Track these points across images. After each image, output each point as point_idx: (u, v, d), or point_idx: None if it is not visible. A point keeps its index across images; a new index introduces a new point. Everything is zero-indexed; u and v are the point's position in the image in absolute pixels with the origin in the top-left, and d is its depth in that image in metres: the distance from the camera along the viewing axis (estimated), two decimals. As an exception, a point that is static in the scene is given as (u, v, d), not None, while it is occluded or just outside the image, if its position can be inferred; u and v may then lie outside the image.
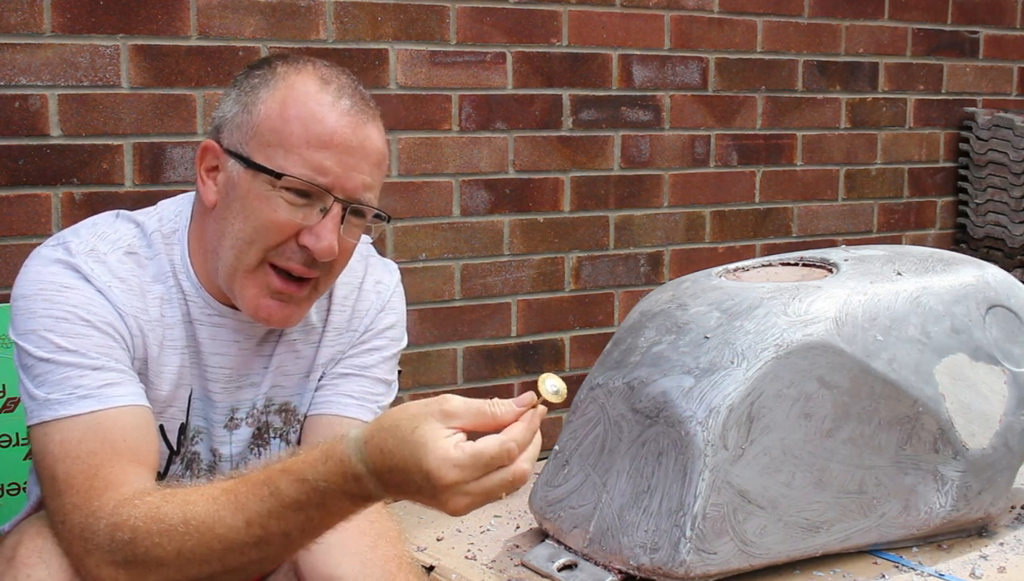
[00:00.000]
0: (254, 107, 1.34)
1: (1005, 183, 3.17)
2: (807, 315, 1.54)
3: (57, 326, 1.30)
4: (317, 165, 1.31)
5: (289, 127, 1.32)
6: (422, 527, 1.75)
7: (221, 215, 1.36)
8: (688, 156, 2.87)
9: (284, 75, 1.35)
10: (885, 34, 3.14)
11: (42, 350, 1.30)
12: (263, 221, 1.32)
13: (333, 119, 1.32)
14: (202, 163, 1.38)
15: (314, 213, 1.32)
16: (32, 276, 1.35)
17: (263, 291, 1.35)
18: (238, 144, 1.34)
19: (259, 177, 1.32)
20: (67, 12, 2.14)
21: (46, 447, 1.27)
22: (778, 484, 1.50)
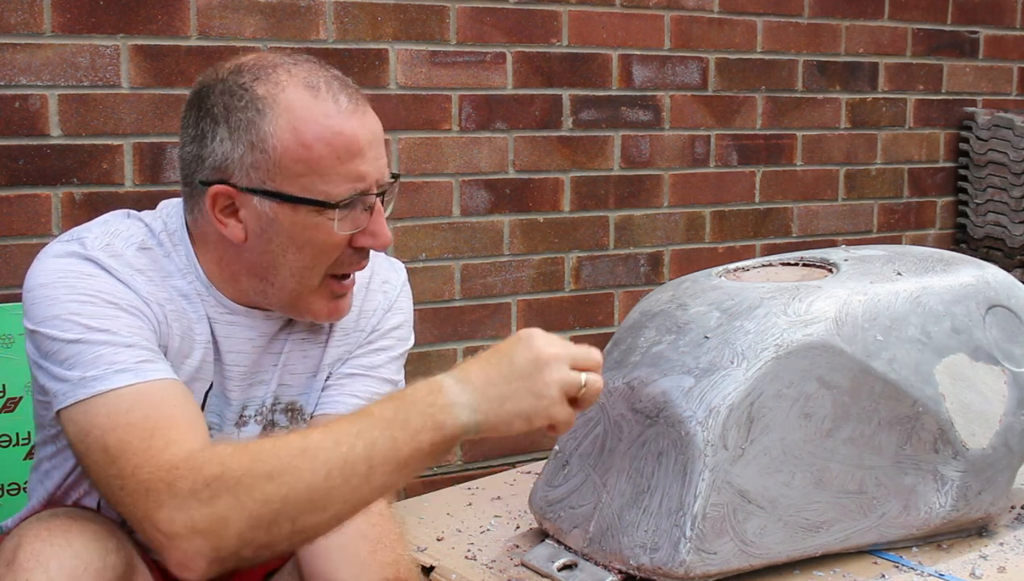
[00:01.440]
0: (265, 143, 1.31)
1: (1005, 183, 3.17)
2: (807, 315, 1.54)
3: (83, 309, 1.29)
4: (355, 175, 1.33)
5: (314, 152, 1.31)
6: (422, 527, 1.75)
7: (262, 249, 1.36)
8: (688, 156, 2.87)
9: (272, 98, 1.32)
10: (885, 34, 3.14)
11: (70, 333, 1.27)
12: (321, 246, 1.34)
13: (347, 125, 1.32)
14: (215, 207, 1.35)
15: (360, 215, 1.35)
16: (49, 266, 1.33)
17: (328, 299, 1.39)
18: (261, 182, 1.32)
19: (301, 208, 1.32)
20: (67, 12, 2.14)
21: (91, 423, 1.23)
22: (778, 484, 1.50)
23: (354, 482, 1.14)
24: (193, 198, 1.39)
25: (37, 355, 1.32)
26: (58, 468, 1.45)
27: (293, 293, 1.38)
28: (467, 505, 1.86)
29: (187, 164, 1.39)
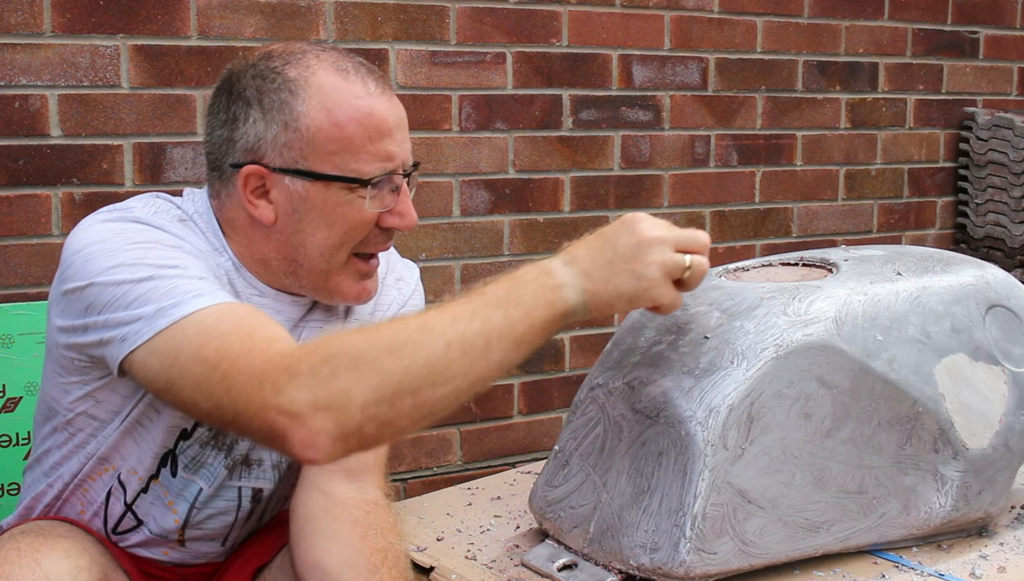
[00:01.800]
0: (298, 122, 1.35)
1: (1005, 183, 3.18)
2: (807, 315, 1.54)
3: (148, 253, 1.28)
4: (385, 154, 1.38)
5: (347, 131, 1.35)
6: (422, 527, 1.75)
7: (292, 229, 1.38)
8: (688, 156, 2.87)
9: (303, 80, 1.36)
10: (885, 34, 3.14)
11: (140, 273, 1.26)
12: (351, 223, 1.38)
13: (377, 106, 1.37)
14: (246, 188, 1.37)
15: (387, 195, 1.40)
16: (99, 228, 1.32)
17: (356, 278, 1.42)
18: (294, 161, 1.36)
19: (333, 186, 1.36)
20: (67, 12, 2.15)
21: (180, 344, 1.20)
22: (778, 484, 1.50)
23: (472, 356, 1.16)
24: (222, 182, 1.41)
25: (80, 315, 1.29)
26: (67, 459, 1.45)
27: (322, 273, 1.40)
28: (467, 505, 1.87)
29: (216, 148, 1.41)
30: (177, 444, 1.42)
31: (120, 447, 1.41)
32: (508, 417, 2.71)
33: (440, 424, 2.63)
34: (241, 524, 1.52)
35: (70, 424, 1.42)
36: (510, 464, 2.66)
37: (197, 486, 1.45)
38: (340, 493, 1.41)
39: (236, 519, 1.51)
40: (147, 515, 1.46)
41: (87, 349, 1.31)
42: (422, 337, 1.15)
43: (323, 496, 1.40)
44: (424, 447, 2.62)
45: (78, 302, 1.29)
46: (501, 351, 1.18)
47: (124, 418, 1.39)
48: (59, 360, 1.38)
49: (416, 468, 2.61)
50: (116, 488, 1.44)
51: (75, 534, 1.38)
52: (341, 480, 1.42)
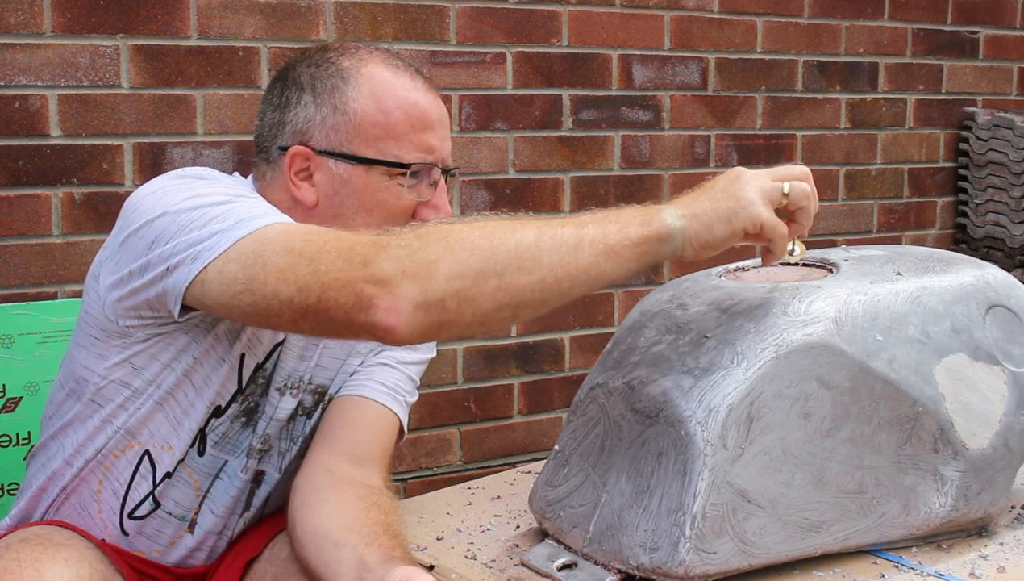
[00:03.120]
0: (347, 106, 1.41)
1: (1005, 183, 3.18)
2: (807, 315, 1.54)
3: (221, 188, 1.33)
4: (426, 145, 1.43)
5: (392, 118, 1.41)
6: (422, 526, 1.75)
7: (332, 213, 1.43)
8: (688, 156, 2.87)
9: (356, 69, 1.43)
10: (885, 34, 3.14)
11: (217, 198, 1.29)
12: (390, 209, 1.42)
13: (423, 100, 1.43)
14: (291, 168, 1.43)
15: (425, 187, 1.44)
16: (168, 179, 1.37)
17: None
18: (340, 144, 1.42)
19: (374, 170, 1.41)
20: (67, 12, 2.15)
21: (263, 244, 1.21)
22: (778, 484, 1.50)
23: (563, 250, 1.16)
24: (268, 164, 1.46)
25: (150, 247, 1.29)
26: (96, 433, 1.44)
27: None
28: (467, 505, 1.87)
29: (267, 132, 1.47)
30: (208, 422, 1.44)
31: (149, 421, 1.43)
32: (508, 417, 2.71)
33: (440, 424, 2.63)
34: (241, 508, 1.53)
35: (99, 394, 1.43)
36: (510, 464, 2.66)
37: (223, 460, 1.49)
38: (346, 473, 1.44)
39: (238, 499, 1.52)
40: (168, 498, 1.48)
41: (146, 290, 1.31)
42: (513, 226, 1.17)
43: (329, 474, 1.43)
44: (424, 447, 2.62)
45: (143, 239, 1.31)
46: (592, 255, 1.18)
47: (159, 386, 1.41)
48: (100, 324, 1.40)
49: (416, 468, 2.61)
50: (145, 466, 1.45)
51: (74, 542, 1.39)
52: (347, 463, 1.45)
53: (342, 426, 1.51)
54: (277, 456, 1.54)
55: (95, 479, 1.46)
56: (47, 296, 2.15)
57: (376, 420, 1.55)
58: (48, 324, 2.05)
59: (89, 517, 1.47)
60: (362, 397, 1.53)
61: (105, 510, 1.47)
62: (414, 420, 2.59)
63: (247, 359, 1.45)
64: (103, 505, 1.47)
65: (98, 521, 1.47)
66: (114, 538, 1.47)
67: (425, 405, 2.60)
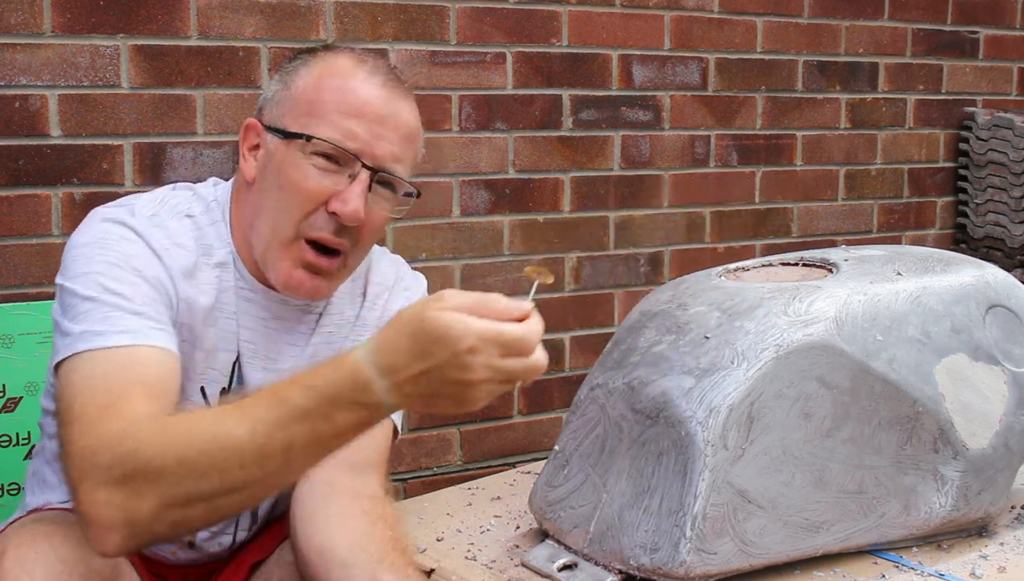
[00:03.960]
0: (293, 83, 1.41)
1: (1005, 183, 3.17)
2: (807, 315, 1.54)
3: (110, 271, 1.32)
4: (346, 131, 1.37)
5: (323, 96, 1.38)
6: (422, 527, 1.75)
7: (259, 188, 1.41)
8: (688, 156, 2.87)
9: (324, 56, 1.43)
10: (885, 34, 3.14)
11: (90, 290, 1.30)
12: (299, 190, 1.37)
13: (365, 90, 1.39)
14: (245, 141, 1.44)
15: (343, 180, 1.38)
16: (93, 229, 1.37)
17: (295, 263, 1.40)
18: (276, 118, 1.42)
19: (292, 145, 1.38)
20: (67, 12, 2.14)
21: (70, 380, 1.25)
22: (778, 484, 1.50)
23: (270, 469, 1.12)
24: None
25: (58, 311, 1.34)
26: None
27: (267, 240, 1.40)
28: (467, 505, 1.86)
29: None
30: None
31: None
32: (508, 417, 2.71)
33: (440, 424, 2.63)
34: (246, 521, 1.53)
35: None
36: (510, 464, 2.65)
37: None
38: (346, 484, 1.41)
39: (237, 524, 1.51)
40: None
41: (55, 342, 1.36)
42: (216, 450, 1.11)
43: (328, 486, 1.41)
44: (424, 447, 2.62)
45: (58, 295, 1.36)
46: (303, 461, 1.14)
47: None
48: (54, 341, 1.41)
49: (416, 468, 2.61)
50: None
51: None
52: (346, 473, 1.42)
53: None
54: None
55: None
56: (47, 296, 2.15)
57: None
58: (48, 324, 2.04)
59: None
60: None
61: None
62: (414, 420, 2.59)
63: (209, 389, 1.45)
64: None
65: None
66: None
67: (425, 405, 2.59)
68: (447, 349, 1.06)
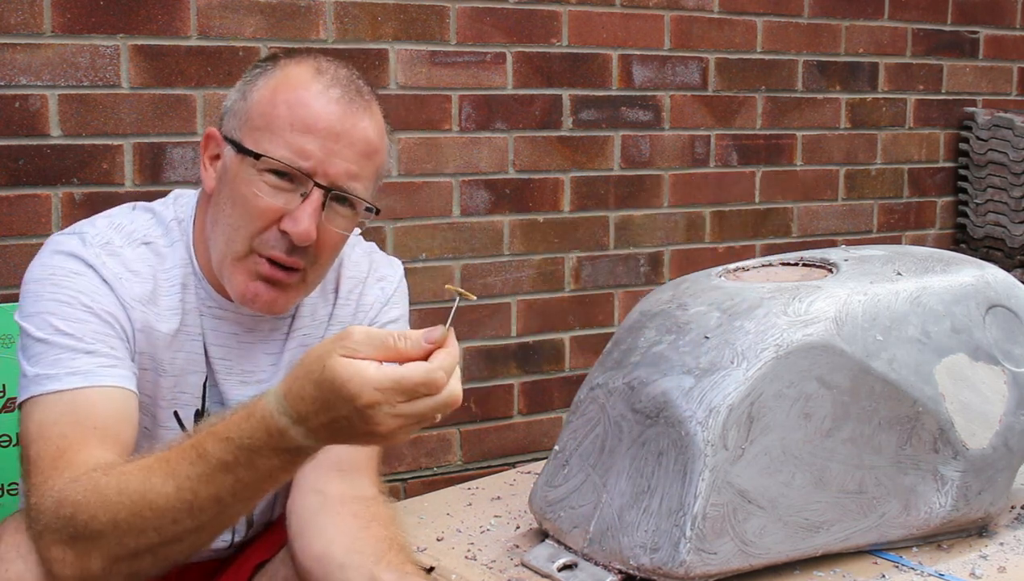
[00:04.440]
0: (250, 94, 1.37)
1: (1005, 183, 3.17)
2: (807, 315, 1.54)
3: (59, 310, 1.32)
4: (299, 148, 1.32)
5: (276, 110, 1.33)
6: (422, 527, 1.75)
7: (216, 201, 1.39)
8: (688, 156, 2.87)
9: (284, 65, 1.38)
10: (885, 34, 3.14)
11: (41, 331, 1.31)
12: (250, 207, 1.33)
13: (319, 105, 1.33)
14: (206, 150, 1.41)
15: (295, 198, 1.33)
16: (45, 261, 1.38)
17: (251, 276, 1.36)
18: (233, 130, 1.38)
19: (245, 161, 1.34)
20: (67, 12, 2.14)
21: (27, 427, 1.28)
22: (778, 484, 1.50)
23: (204, 518, 1.15)
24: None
25: (20, 349, 1.36)
26: None
27: (222, 254, 1.38)
28: (467, 505, 1.86)
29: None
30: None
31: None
32: (508, 417, 2.71)
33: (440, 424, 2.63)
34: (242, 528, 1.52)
35: None
36: (510, 464, 2.65)
37: None
38: (336, 491, 1.41)
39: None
40: None
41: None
42: (147, 510, 1.13)
43: (320, 496, 1.40)
44: (424, 447, 2.62)
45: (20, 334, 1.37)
46: (238, 507, 1.16)
47: None
48: None
49: (416, 468, 2.61)
50: None
51: None
52: (335, 479, 1.41)
53: None
54: None
55: None
56: (47, 296, 2.15)
57: None
58: (48, 324, 2.04)
59: None
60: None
61: None
62: (414, 420, 2.58)
63: (182, 412, 1.44)
64: None
65: None
66: None
67: (425, 405, 2.59)
68: (348, 404, 1.05)
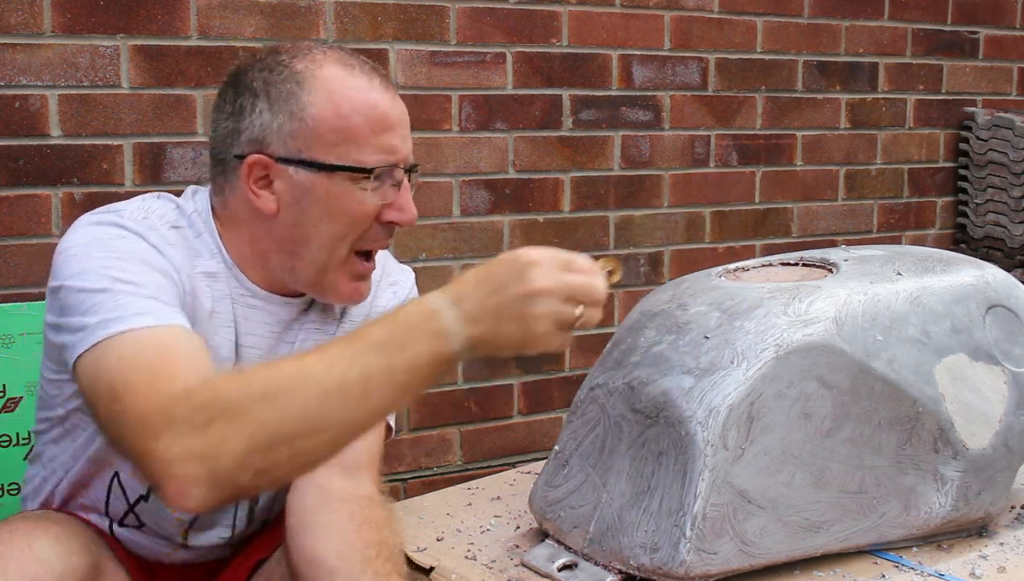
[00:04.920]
0: (304, 112, 1.37)
1: (1005, 183, 3.18)
2: (807, 315, 1.54)
3: (116, 263, 1.30)
4: (387, 147, 1.39)
5: (351, 122, 1.37)
6: (422, 527, 1.75)
7: (294, 221, 1.39)
8: (688, 156, 2.87)
9: (310, 73, 1.39)
10: (885, 34, 3.14)
11: (99, 283, 1.27)
12: (353, 215, 1.39)
13: (382, 100, 1.40)
14: (250, 177, 1.39)
15: (389, 189, 1.40)
16: (85, 232, 1.35)
17: (353, 277, 1.43)
18: (298, 151, 1.37)
19: (337, 176, 1.37)
20: (67, 12, 2.14)
21: (101, 365, 1.21)
22: (778, 484, 1.50)
23: (350, 404, 1.12)
24: (225, 175, 1.42)
25: (57, 314, 1.30)
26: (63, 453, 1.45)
27: (321, 267, 1.41)
28: (467, 505, 1.87)
29: (221, 141, 1.42)
30: None
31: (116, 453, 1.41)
32: (508, 417, 2.71)
33: (440, 424, 2.63)
34: (243, 520, 1.53)
35: (65, 420, 1.43)
36: (510, 464, 2.65)
37: None
38: (336, 488, 1.41)
39: (236, 514, 1.52)
40: (149, 519, 1.47)
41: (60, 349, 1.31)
42: (297, 386, 1.11)
43: (320, 491, 1.41)
44: (424, 447, 2.62)
45: (55, 301, 1.31)
46: (381, 397, 1.14)
47: None
48: (50, 354, 1.39)
49: (416, 468, 2.61)
50: (116, 489, 1.44)
51: (69, 521, 1.39)
52: (337, 475, 1.42)
53: None
54: None
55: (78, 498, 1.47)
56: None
57: None
58: (48, 324, 2.05)
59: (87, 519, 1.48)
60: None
61: (93, 518, 1.48)
62: (414, 420, 2.59)
63: None
64: (91, 516, 1.48)
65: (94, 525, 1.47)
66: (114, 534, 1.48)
67: (425, 405, 2.60)
68: (510, 266, 1.17)
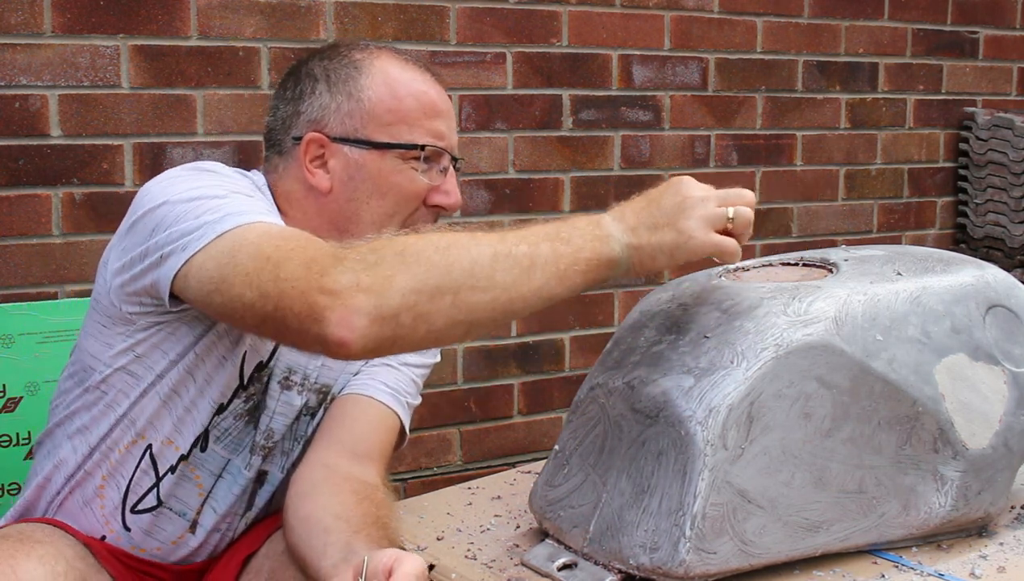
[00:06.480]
0: (361, 93, 1.48)
1: (1005, 183, 3.18)
2: (807, 315, 1.54)
3: (225, 182, 1.36)
4: (436, 132, 1.50)
5: (404, 104, 1.48)
6: (422, 527, 1.75)
7: (348, 197, 1.48)
8: (688, 156, 2.87)
9: (368, 61, 1.50)
10: (885, 34, 3.14)
11: (216, 191, 1.32)
12: (403, 192, 1.48)
13: (433, 90, 1.51)
14: (306, 155, 1.48)
15: (436, 173, 1.51)
16: (178, 170, 1.41)
17: None
18: (354, 130, 1.47)
19: (389, 154, 1.47)
20: (67, 12, 2.15)
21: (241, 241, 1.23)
22: (778, 484, 1.50)
23: (516, 272, 1.18)
24: (281, 156, 1.51)
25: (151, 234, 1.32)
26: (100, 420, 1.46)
27: None
28: (467, 505, 1.87)
29: (280, 125, 1.52)
30: (212, 420, 1.46)
31: (155, 418, 1.44)
32: (508, 417, 2.71)
33: (440, 424, 2.63)
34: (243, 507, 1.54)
35: (105, 382, 1.44)
36: (510, 464, 2.66)
37: (226, 458, 1.50)
38: (344, 469, 1.45)
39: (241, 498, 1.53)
40: (171, 495, 1.49)
41: (144, 276, 1.33)
42: (470, 243, 1.18)
43: (327, 469, 1.45)
44: (424, 447, 2.62)
45: (145, 227, 1.33)
46: (544, 277, 1.20)
47: (162, 378, 1.42)
48: (106, 311, 1.41)
49: (416, 468, 2.61)
50: (146, 462, 1.46)
51: (54, 539, 1.38)
52: (346, 459, 1.46)
53: (343, 423, 1.53)
54: (281, 456, 1.55)
55: (99, 472, 1.47)
56: (47, 296, 2.15)
57: (377, 418, 1.56)
58: (48, 324, 2.05)
59: (91, 513, 1.48)
60: (364, 396, 1.56)
61: (107, 505, 1.47)
62: (414, 420, 2.58)
63: (249, 356, 1.46)
64: (106, 500, 1.47)
65: (99, 517, 1.47)
66: (115, 534, 1.48)
67: (425, 405, 2.60)
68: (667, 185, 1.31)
